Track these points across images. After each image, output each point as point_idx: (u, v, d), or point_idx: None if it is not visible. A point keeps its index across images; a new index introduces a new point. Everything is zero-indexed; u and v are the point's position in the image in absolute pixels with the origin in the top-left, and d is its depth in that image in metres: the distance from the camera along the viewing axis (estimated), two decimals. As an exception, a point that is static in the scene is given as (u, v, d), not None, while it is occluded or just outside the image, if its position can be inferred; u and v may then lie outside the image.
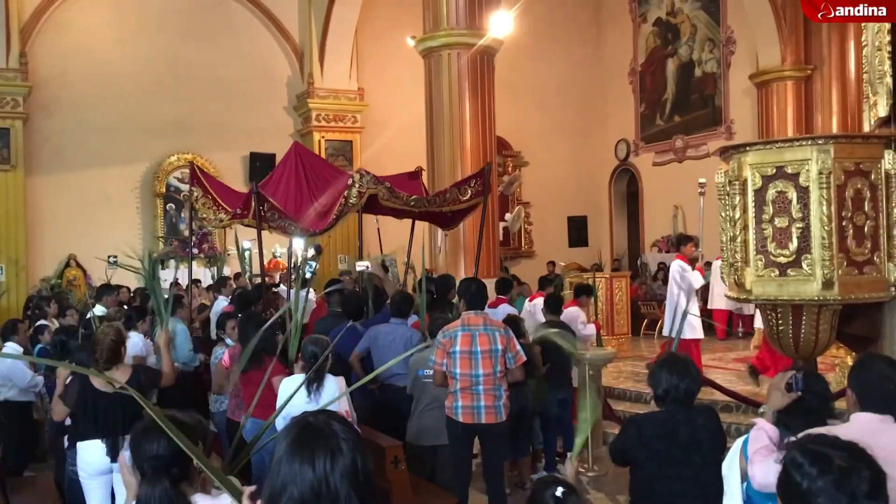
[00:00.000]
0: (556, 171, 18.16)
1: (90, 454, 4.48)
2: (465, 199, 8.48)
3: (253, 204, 7.63)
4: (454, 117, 11.52)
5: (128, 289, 11.65)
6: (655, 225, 17.69)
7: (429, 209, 8.23)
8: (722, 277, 6.37)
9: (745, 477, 2.88)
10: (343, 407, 4.64)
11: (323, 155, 15.69)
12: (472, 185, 8.62)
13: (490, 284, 8.39)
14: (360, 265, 12.25)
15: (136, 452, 2.39)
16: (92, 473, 4.48)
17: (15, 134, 13.50)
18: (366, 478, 1.76)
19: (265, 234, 10.83)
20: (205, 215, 8.77)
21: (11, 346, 6.49)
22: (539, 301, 8.51)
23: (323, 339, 5.01)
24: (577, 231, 19.12)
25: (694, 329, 8.61)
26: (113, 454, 4.46)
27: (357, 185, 7.68)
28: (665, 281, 14.34)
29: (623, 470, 6.67)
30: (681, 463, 3.30)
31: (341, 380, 4.91)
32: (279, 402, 4.80)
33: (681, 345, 8.36)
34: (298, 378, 4.83)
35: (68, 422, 4.90)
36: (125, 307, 8.37)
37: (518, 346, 5.30)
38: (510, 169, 17.49)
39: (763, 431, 2.70)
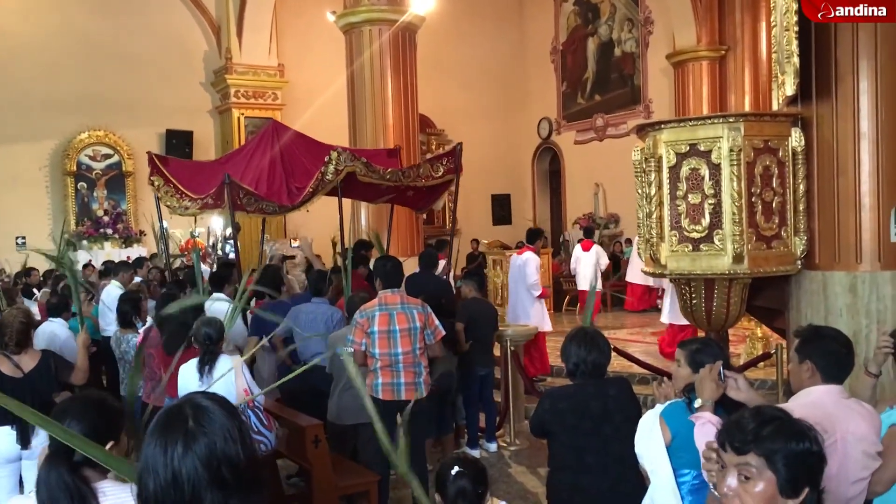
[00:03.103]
0: (479, 149, 18.15)
1: (-2, 441, 4.30)
2: (437, 175, 8.51)
3: (226, 193, 7.52)
4: (376, 94, 11.42)
5: (36, 270, 11.24)
6: (577, 203, 17.95)
7: (403, 182, 8.23)
8: (639, 253, 6.52)
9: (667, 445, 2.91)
10: (241, 385, 4.53)
11: (243, 133, 15.37)
12: (445, 162, 8.65)
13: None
14: (295, 245, 12.08)
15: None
16: (1, 461, 4.30)
17: (-89, 109, 12.78)
18: (224, 464, 1.60)
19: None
20: (168, 203, 8.60)
21: None
22: None
23: (217, 321, 4.90)
24: (501, 209, 19.28)
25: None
26: (23, 441, 4.29)
27: (334, 163, 7.58)
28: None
29: (543, 443, 6.81)
30: (592, 434, 3.37)
31: (237, 358, 4.81)
32: (179, 388, 4.69)
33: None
34: (195, 362, 4.71)
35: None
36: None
37: (436, 322, 5.31)
38: (433, 147, 17.44)
39: (710, 425, 2.69)
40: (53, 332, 6.06)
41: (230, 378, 4.38)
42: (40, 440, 4.24)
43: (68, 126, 14.28)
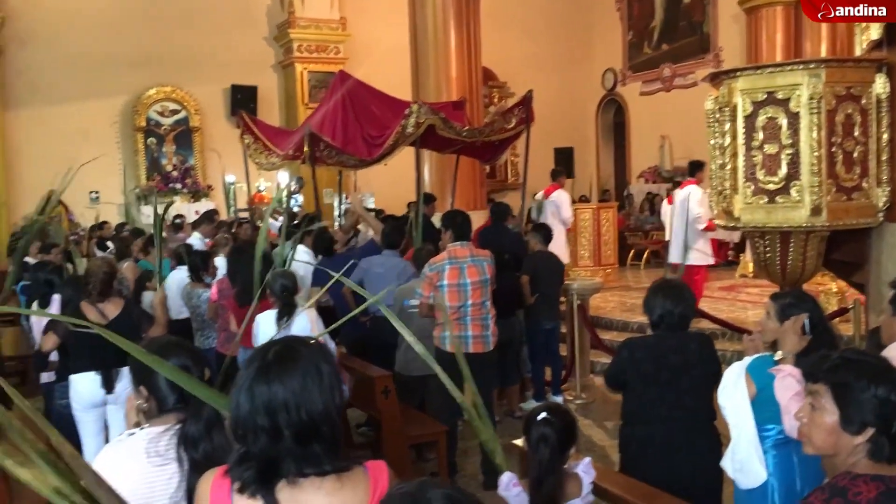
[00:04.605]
0: (542, 101, 17.67)
1: (84, 386, 4.48)
2: (510, 127, 8.56)
3: (306, 146, 7.80)
4: (439, 47, 11.31)
5: (108, 223, 11.59)
6: (642, 155, 17.62)
7: (479, 138, 8.36)
8: (710, 206, 6.38)
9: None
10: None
11: (306, 88, 15.45)
12: (516, 112, 8.66)
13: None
14: (346, 203, 12.20)
15: (154, 372, 2.30)
16: (86, 406, 4.48)
17: (-13, 67, 13.16)
18: (301, 407, 1.68)
19: (251, 166, 10.73)
20: (258, 160, 9.39)
21: None
22: None
23: (292, 273, 5.00)
24: (564, 162, 18.96)
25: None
26: (107, 386, 4.45)
27: (415, 115, 7.75)
28: (652, 211, 14.40)
29: (609, 397, 6.79)
30: (669, 387, 3.31)
31: (312, 311, 4.91)
32: (254, 338, 4.82)
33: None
34: (272, 313, 4.82)
35: (53, 357, 4.87)
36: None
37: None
38: (496, 100, 17.27)
39: (791, 377, 2.65)
40: (182, 278, 6.34)
41: (306, 330, 4.48)
42: (123, 385, 4.41)
43: (137, 82, 14.53)
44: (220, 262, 6.56)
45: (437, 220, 8.33)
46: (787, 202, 4.74)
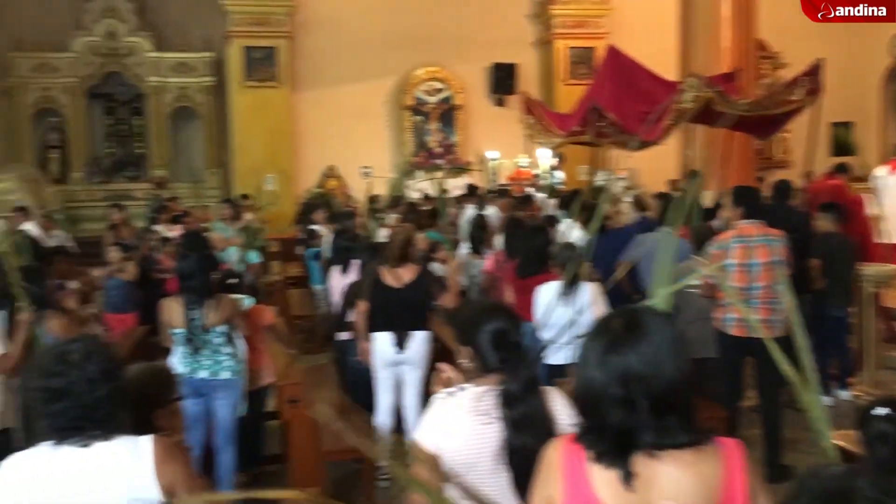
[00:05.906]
0: (817, 73, 16.51)
1: (380, 345, 4.82)
2: (793, 99, 8.02)
3: (590, 120, 8.16)
4: (710, 16, 10.80)
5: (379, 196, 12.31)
6: (939, 131, 15.69)
7: (759, 112, 7.94)
8: None
9: None
10: (599, 311, 4.61)
11: (565, 64, 15.42)
12: (802, 83, 8.08)
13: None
14: (601, 178, 12.10)
15: (477, 334, 2.40)
16: (383, 363, 4.82)
17: (280, 52, 14.47)
18: (652, 378, 1.68)
19: (510, 143, 11.00)
20: (538, 140, 10.20)
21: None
22: None
23: (577, 246, 5.01)
24: (841, 139, 17.42)
25: None
26: (398, 346, 4.76)
27: (695, 90, 7.58)
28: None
29: (909, 395, 6.17)
30: None
31: (596, 285, 4.89)
32: (538, 309, 4.90)
33: None
34: (554, 284, 4.87)
35: (349, 318, 5.29)
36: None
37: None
38: (767, 71, 16.17)
39: None
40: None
41: (586, 304, 4.50)
42: (416, 347, 4.70)
43: (405, 62, 15.24)
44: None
45: (705, 197, 8.02)
46: None
